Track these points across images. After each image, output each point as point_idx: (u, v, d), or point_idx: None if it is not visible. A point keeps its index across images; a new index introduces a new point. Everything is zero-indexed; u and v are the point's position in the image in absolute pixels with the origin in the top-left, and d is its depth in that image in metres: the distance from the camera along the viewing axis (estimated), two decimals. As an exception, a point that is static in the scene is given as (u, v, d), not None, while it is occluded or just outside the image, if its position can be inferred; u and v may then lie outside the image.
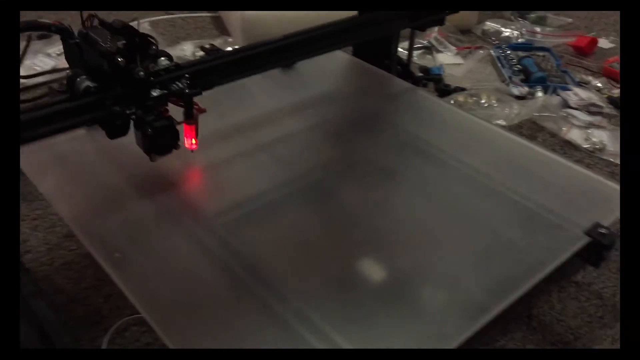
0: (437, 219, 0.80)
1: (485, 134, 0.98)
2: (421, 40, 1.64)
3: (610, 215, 0.78)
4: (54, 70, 1.43)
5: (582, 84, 1.49)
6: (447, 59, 1.61)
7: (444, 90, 1.42)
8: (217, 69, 0.82)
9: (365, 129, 0.99)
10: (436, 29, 1.66)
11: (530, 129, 1.32)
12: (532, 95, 1.43)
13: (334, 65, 1.19)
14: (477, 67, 1.59)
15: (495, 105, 1.36)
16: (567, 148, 1.27)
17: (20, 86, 1.38)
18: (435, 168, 0.88)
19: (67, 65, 1.49)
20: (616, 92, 1.46)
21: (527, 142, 0.96)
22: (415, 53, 1.62)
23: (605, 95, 1.44)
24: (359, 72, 1.19)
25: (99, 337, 0.82)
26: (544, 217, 0.79)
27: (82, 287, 0.90)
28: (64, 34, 0.71)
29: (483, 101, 1.37)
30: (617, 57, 1.58)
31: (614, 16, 1.95)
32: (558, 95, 1.41)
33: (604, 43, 1.73)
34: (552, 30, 1.76)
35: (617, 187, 0.84)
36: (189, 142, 0.78)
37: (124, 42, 0.67)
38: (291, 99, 1.04)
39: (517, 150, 0.94)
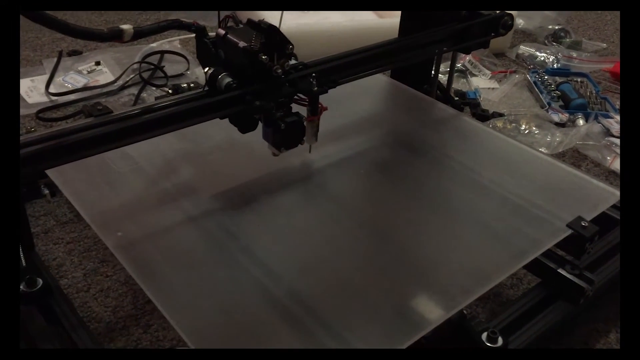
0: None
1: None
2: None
3: (593, 210, 0.83)
4: (85, 88, 1.40)
5: (622, 112, 1.46)
6: (482, 82, 1.58)
7: (482, 116, 1.39)
8: (339, 69, 0.86)
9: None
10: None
11: (572, 157, 1.28)
12: (572, 122, 1.39)
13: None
14: (513, 91, 1.56)
15: (536, 132, 1.32)
16: (613, 178, 1.23)
17: (51, 103, 1.36)
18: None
19: (98, 84, 1.47)
20: (658, 120, 1.42)
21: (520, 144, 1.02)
22: (450, 76, 1.59)
23: (648, 124, 1.40)
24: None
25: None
26: (529, 211, 0.84)
27: (120, 315, 0.86)
28: (201, 33, 0.74)
29: (523, 127, 1.34)
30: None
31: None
32: (599, 122, 1.38)
33: (640, 69, 1.69)
34: (588, 56, 1.73)
35: (601, 184, 0.90)
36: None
37: (263, 41, 0.70)
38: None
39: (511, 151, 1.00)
